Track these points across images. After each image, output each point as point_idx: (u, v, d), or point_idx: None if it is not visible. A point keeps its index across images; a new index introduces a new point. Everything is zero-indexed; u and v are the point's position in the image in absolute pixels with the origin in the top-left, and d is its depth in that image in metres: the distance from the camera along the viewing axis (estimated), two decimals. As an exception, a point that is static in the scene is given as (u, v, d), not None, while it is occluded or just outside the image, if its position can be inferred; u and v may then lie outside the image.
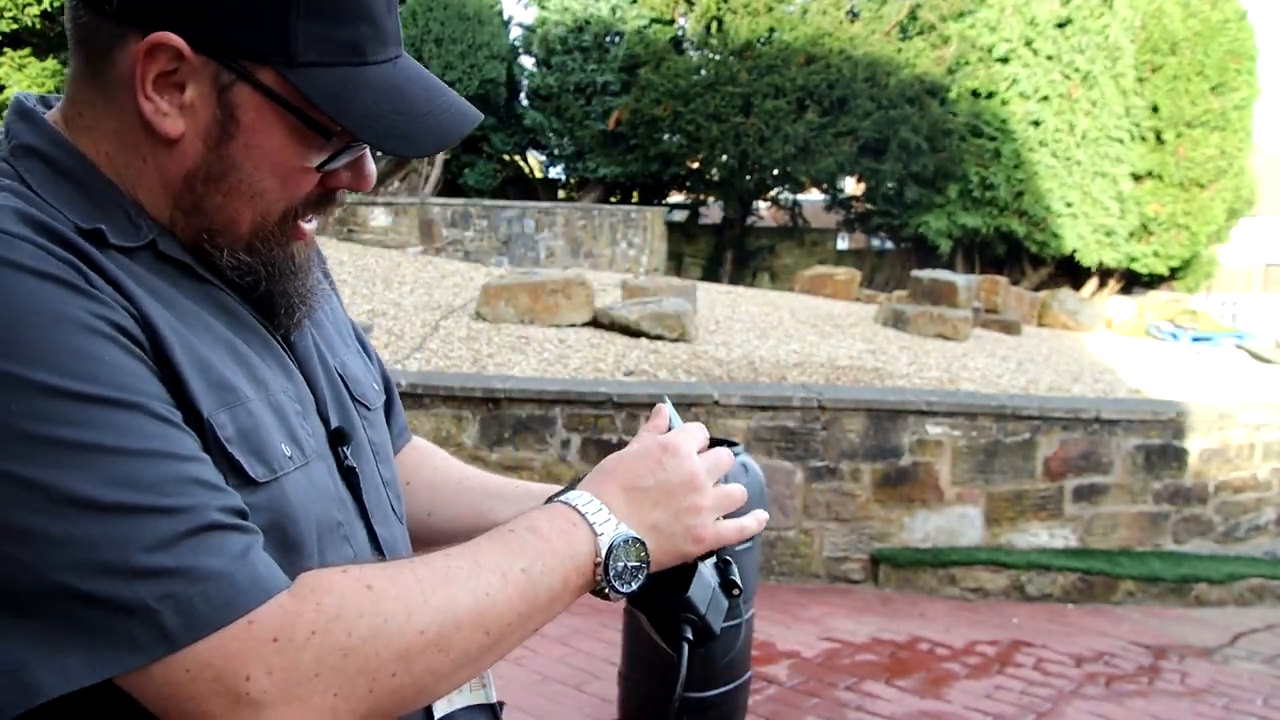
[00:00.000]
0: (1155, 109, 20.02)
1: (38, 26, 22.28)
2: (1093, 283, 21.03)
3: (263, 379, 0.85)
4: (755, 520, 1.00)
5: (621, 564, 0.88)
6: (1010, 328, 10.51)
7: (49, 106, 0.87)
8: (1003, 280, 12.37)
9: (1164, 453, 6.14)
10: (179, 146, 0.81)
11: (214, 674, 0.70)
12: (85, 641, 0.68)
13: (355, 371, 1.02)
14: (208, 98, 0.80)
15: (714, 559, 0.98)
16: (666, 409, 1.03)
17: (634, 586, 0.89)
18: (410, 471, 1.18)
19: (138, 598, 0.68)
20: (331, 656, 0.73)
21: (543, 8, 20.73)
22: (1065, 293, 13.40)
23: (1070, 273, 20.90)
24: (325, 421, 0.92)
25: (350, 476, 0.92)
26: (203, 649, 0.70)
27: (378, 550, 0.93)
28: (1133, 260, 20.38)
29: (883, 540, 5.64)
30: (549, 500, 0.92)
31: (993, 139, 19.96)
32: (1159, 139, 20.13)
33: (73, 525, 0.68)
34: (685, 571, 0.96)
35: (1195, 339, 13.39)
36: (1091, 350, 10.18)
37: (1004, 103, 19.97)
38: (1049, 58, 19.71)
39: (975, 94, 20.29)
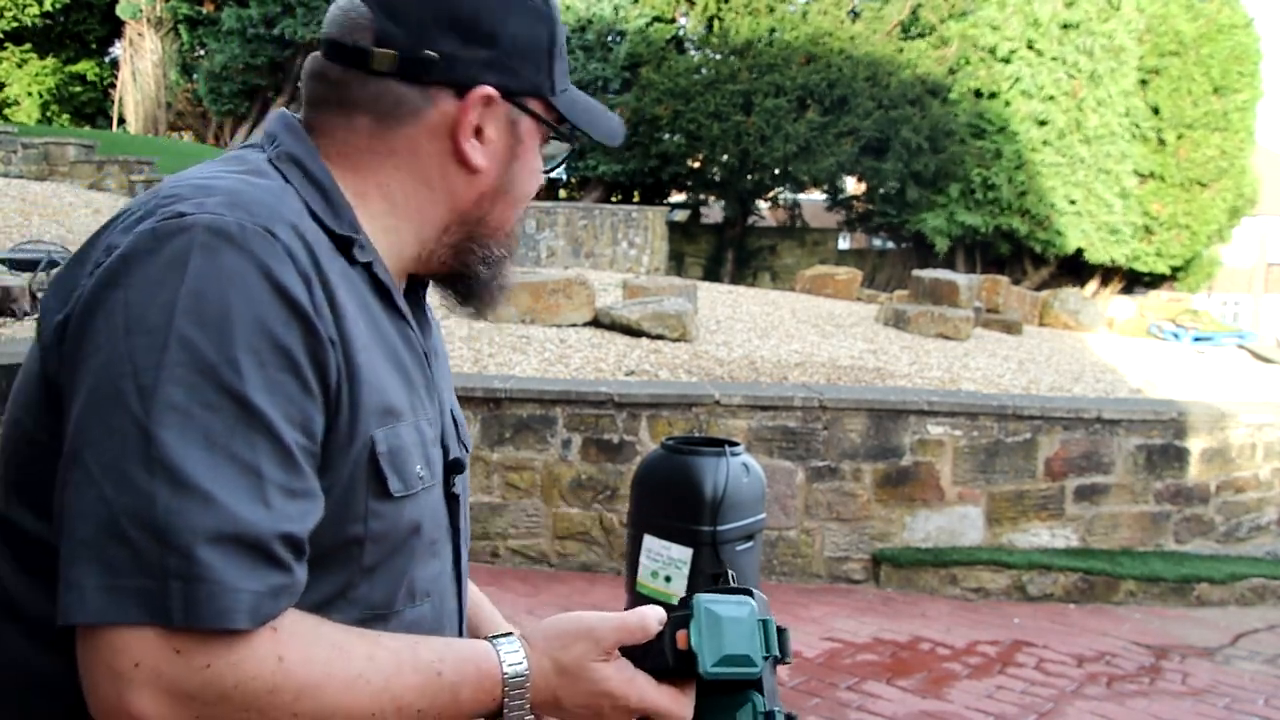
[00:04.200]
0: (1157, 110, 20.01)
1: (38, 26, 22.28)
2: (1094, 282, 21.03)
3: (417, 405, 0.99)
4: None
5: None
6: (1011, 327, 10.50)
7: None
8: (1004, 280, 12.36)
9: (1165, 453, 6.13)
10: (480, 174, 1.03)
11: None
12: (110, 583, 0.76)
13: (460, 415, 1.16)
14: (503, 131, 1.03)
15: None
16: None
17: None
18: None
19: (164, 569, 0.76)
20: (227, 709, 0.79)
21: (544, 7, 20.74)
22: (1067, 292, 13.38)
23: (1072, 272, 20.89)
24: (444, 450, 1.05)
25: (453, 503, 1.06)
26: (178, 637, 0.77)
27: (456, 567, 1.08)
28: (1135, 259, 20.37)
29: (884, 540, 5.63)
30: (499, 636, 0.96)
31: (994, 140, 19.94)
32: (1160, 139, 20.13)
33: (159, 488, 0.77)
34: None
35: (1196, 339, 13.40)
36: (1093, 350, 10.18)
37: (1006, 103, 19.95)
38: (1053, 59, 19.70)
39: (977, 94, 20.28)
